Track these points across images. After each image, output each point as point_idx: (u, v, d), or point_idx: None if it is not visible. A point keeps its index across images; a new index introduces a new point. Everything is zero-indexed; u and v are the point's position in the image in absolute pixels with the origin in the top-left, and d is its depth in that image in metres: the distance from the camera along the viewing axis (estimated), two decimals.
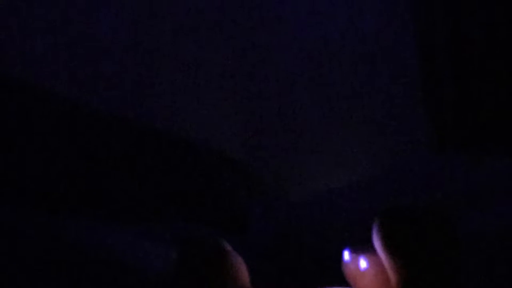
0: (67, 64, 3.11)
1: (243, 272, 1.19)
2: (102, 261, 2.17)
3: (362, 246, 1.18)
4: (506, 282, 2.27)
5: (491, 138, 3.46)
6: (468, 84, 3.51)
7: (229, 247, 1.20)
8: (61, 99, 2.93)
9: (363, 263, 1.16)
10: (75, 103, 2.95)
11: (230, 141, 3.35)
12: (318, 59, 3.47)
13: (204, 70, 3.37)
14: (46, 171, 2.69)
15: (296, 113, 3.46)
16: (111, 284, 2.15)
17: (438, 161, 3.20)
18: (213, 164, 3.20)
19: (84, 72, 3.14)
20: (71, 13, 3.14)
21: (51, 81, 3.01)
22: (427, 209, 1.14)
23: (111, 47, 3.21)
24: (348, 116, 3.46)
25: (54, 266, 2.11)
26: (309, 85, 3.47)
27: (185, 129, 3.22)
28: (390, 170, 3.13)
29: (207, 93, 3.36)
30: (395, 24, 3.52)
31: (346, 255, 1.19)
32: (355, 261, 1.17)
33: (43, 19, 3.07)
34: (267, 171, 3.39)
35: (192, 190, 3.01)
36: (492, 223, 2.53)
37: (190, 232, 2.63)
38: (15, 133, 2.71)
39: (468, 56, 3.51)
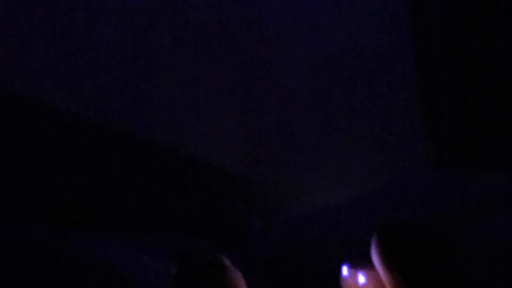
0: (67, 78, 3.12)
1: (242, 287, 1.20)
2: (102, 276, 2.17)
3: (361, 261, 1.18)
4: None
5: (489, 153, 3.46)
6: (466, 99, 3.52)
7: (228, 262, 1.21)
8: (61, 113, 2.94)
9: (361, 278, 1.17)
10: (74, 117, 2.96)
11: (229, 156, 3.36)
12: (317, 75, 3.48)
13: (203, 84, 3.38)
14: (46, 185, 2.69)
15: (295, 128, 3.47)
16: None
17: (436, 176, 3.20)
18: (212, 179, 3.20)
19: (84, 86, 3.14)
20: (71, 27, 3.15)
21: (51, 95, 3.01)
22: (425, 224, 1.15)
23: (111, 61, 3.22)
24: (347, 132, 3.47)
25: (54, 281, 2.11)
26: (308, 100, 3.48)
27: (184, 143, 3.23)
28: (389, 185, 3.13)
29: (206, 108, 3.37)
30: (394, 40, 3.53)
31: (345, 270, 1.19)
32: (353, 276, 1.18)
33: (43, 34, 3.09)
34: (266, 186, 3.39)
35: (191, 205, 3.02)
36: (490, 237, 2.53)
37: (189, 246, 2.63)
38: (15, 147, 2.71)
39: (467, 72, 3.51)
